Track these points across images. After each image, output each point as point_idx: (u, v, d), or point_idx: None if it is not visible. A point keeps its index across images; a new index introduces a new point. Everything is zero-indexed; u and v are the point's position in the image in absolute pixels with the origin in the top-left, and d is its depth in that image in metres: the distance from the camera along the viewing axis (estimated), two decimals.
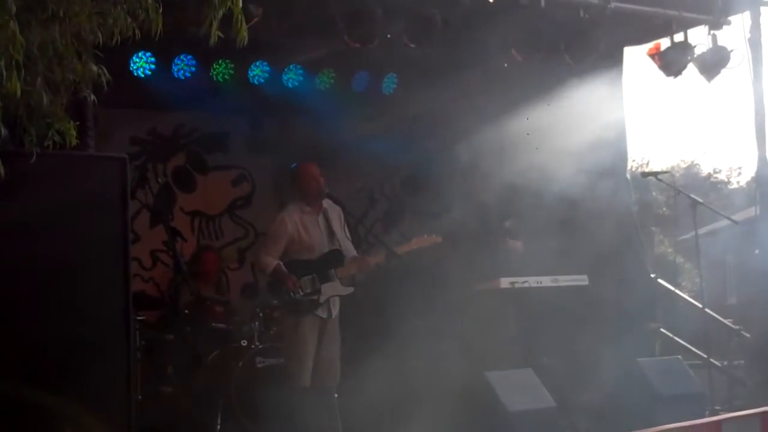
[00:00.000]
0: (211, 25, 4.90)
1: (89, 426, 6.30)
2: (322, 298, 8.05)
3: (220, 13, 4.89)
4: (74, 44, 5.30)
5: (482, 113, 10.26)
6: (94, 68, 5.52)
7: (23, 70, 4.71)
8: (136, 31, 5.18)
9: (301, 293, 7.99)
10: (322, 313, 8.10)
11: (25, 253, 6.26)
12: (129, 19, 5.11)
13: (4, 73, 4.55)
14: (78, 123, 5.75)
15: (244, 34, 5.00)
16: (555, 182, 9.23)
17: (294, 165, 8.49)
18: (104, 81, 5.59)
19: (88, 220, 6.56)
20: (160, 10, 5.05)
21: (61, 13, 5.03)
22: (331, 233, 8.27)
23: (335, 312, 8.23)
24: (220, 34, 4.96)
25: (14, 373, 6.15)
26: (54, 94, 5.40)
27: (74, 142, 5.74)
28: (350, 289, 8.29)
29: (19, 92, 4.68)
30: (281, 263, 8.05)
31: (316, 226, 8.25)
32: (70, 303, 6.40)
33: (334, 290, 8.14)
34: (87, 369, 6.42)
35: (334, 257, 8.22)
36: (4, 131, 4.93)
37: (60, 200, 6.40)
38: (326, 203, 8.34)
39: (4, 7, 4.45)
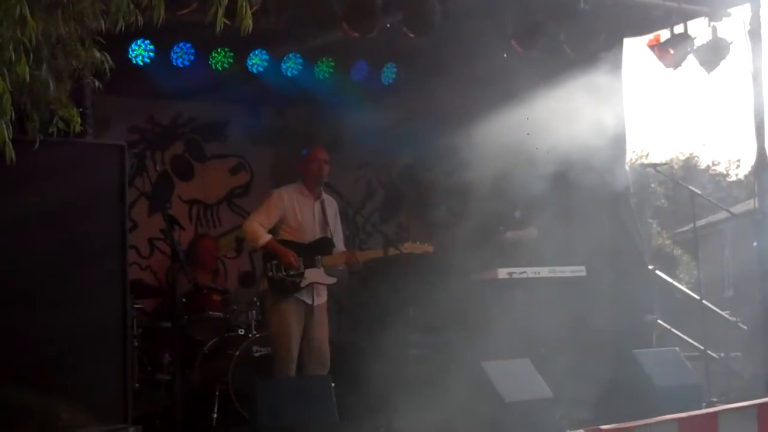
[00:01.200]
0: (216, 12, 4.89)
1: (86, 413, 6.31)
2: (304, 283, 8.06)
3: (226, 0, 4.88)
4: (77, 31, 5.30)
5: (481, 104, 10.24)
6: (98, 55, 5.52)
7: (31, 56, 4.71)
8: (139, 18, 5.16)
9: (286, 273, 8.01)
10: (306, 298, 8.13)
11: (22, 241, 6.27)
12: (131, 5, 5.10)
13: (13, 56, 4.54)
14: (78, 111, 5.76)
15: (249, 22, 4.99)
16: (553, 173, 9.22)
17: (305, 150, 8.52)
18: (107, 68, 5.59)
19: (86, 208, 6.57)
20: None
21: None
22: (324, 223, 8.30)
23: (320, 300, 8.26)
24: (226, 21, 4.95)
25: (13, 361, 6.17)
26: (57, 81, 5.40)
27: (79, 129, 5.75)
28: (333, 279, 8.31)
29: (27, 77, 4.67)
30: (273, 238, 8.07)
31: (310, 211, 8.28)
32: (68, 290, 6.41)
33: (316, 277, 8.15)
34: (84, 356, 6.44)
35: (323, 245, 8.26)
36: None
37: (58, 188, 6.41)
38: (325, 195, 8.37)
39: None
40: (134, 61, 9.63)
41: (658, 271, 11.16)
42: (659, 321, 10.55)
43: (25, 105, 5.49)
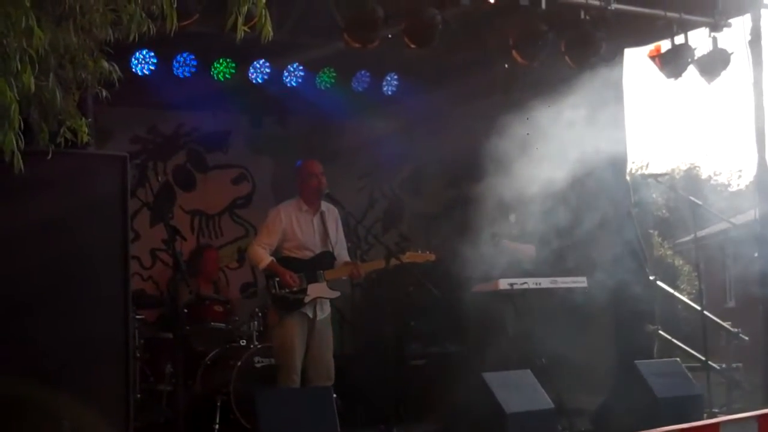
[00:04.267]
0: (236, 20, 4.89)
1: (88, 423, 6.31)
2: (307, 299, 8.06)
3: (245, 8, 4.89)
4: (86, 41, 5.31)
5: (482, 114, 10.27)
6: (106, 65, 5.53)
7: (36, 67, 4.72)
8: (151, 27, 5.17)
9: (289, 290, 8.00)
10: (309, 312, 8.11)
11: (24, 251, 6.28)
12: (143, 15, 5.10)
13: (19, 67, 4.56)
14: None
15: (269, 29, 5.00)
16: (554, 184, 9.23)
17: (299, 162, 8.51)
18: (115, 78, 5.60)
19: (88, 219, 6.58)
20: (175, 5, 5.04)
21: (77, 8, 5.04)
22: (325, 236, 8.27)
23: (323, 314, 8.23)
24: (246, 30, 4.96)
25: (15, 370, 6.17)
26: (66, 92, 5.41)
27: (86, 139, 5.76)
28: (336, 293, 8.29)
29: (33, 88, 4.68)
30: (275, 260, 8.07)
31: (310, 225, 8.26)
32: (70, 301, 6.42)
33: (319, 292, 8.14)
34: (86, 367, 6.45)
35: (325, 259, 8.23)
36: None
37: (60, 199, 6.43)
38: (325, 206, 8.36)
39: (18, 3, 4.45)
40: (136, 72, 9.65)
41: (659, 282, 11.13)
42: (660, 332, 10.53)
43: (34, 116, 5.50)
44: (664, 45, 9.76)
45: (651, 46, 9.93)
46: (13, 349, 6.21)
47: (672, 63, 9.65)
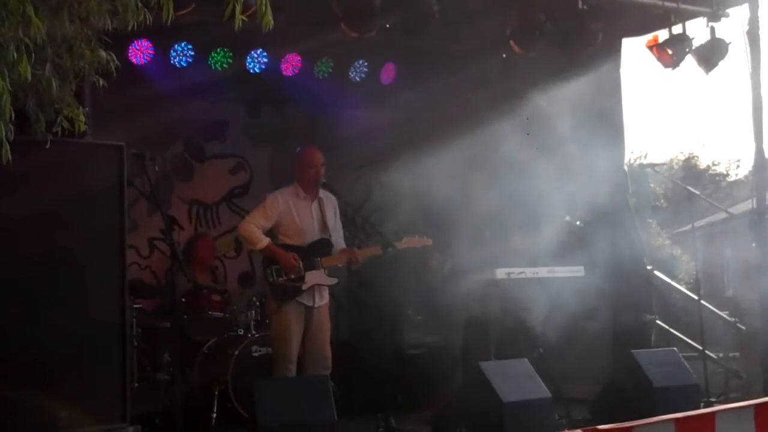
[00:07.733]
0: (233, 9, 4.89)
1: (86, 413, 6.33)
2: (305, 286, 8.04)
3: None
4: (83, 30, 5.31)
5: (480, 104, 10.27)
6: (103, 54, 5.52)
7: (33, 56, 4.71)
8: (148, 17, 5.16)
9: (287, 277, 7.99)
10: (306, 300, 8.08)
11: (21, 241, 6.28)
12: (140, 4, 5.09)
13: (15, 56, 4.55)
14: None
15: (269, 19, 4.99)
16: (552, 174, 9.23)
17: (299, 148, 8.48)
18: (113, 67, 5.59)
19: (86, 209, 6.59)
20: None
21: None
22: (323, 223, 8.25)
23: (321, 301, 8.19)
24: (244, 19, 4.95)
25: (12, 361, 6.18)
26: (63, 81, 5.41)
27: (83, 128, 5.76)
28: (334, 280, 8.26)
29: (29, 77, 4.68)
30: (272, 241, 8.05)
31: (308, 212, 8.24)
32: (67, 291, 6.43)
33: (317, 279, 8.11)
34: (84, 356, 6.46)
35: (322, 246, 8.21)
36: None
37: (57, 188, 6.44)
38: (323, 193, 8.33)
39: None
40: (133, 61, 9.64)
41: (656, 272, 11.15)
42: (658, 321, 10.55)
43: (30, 105, 5.50)
44: (662, 35, 9.77)
45: (649, 36, 9.93)
46: (10, 339, 6.22)
47: (670, 53, 9.65)
